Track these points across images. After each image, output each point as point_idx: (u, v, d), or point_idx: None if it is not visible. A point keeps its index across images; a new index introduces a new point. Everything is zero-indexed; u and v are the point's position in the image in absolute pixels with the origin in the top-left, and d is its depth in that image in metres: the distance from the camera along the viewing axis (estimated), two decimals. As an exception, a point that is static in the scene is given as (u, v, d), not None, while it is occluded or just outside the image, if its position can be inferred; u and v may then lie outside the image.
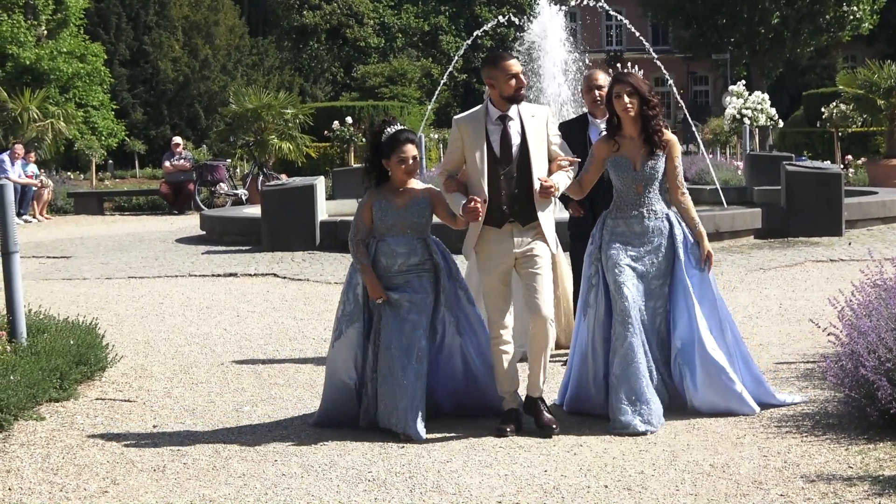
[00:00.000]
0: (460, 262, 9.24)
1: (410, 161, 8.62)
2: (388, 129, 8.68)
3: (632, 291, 8.66)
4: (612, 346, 8.69)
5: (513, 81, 8.55)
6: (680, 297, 8.81)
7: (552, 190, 8.44)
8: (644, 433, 8.39)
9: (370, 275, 8.61)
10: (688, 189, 9.13)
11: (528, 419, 8.67)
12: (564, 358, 10.29)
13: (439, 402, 8.99)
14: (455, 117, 8.97)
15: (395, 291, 8.63)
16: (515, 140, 8.57)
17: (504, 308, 8.66)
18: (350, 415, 8.85)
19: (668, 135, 8.75)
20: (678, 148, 8.87)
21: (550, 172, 8.62)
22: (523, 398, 8.78)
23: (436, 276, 8.76)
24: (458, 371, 8.97)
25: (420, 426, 8.46)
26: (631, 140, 8.72)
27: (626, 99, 8.58)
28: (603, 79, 10.73)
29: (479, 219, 8.39)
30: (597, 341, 8.87)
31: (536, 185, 8.45)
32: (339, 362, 8.84)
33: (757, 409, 8.86)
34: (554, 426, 8.49)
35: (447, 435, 8.57)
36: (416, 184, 8.78)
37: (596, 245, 8.87)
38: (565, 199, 10.32)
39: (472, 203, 8.28)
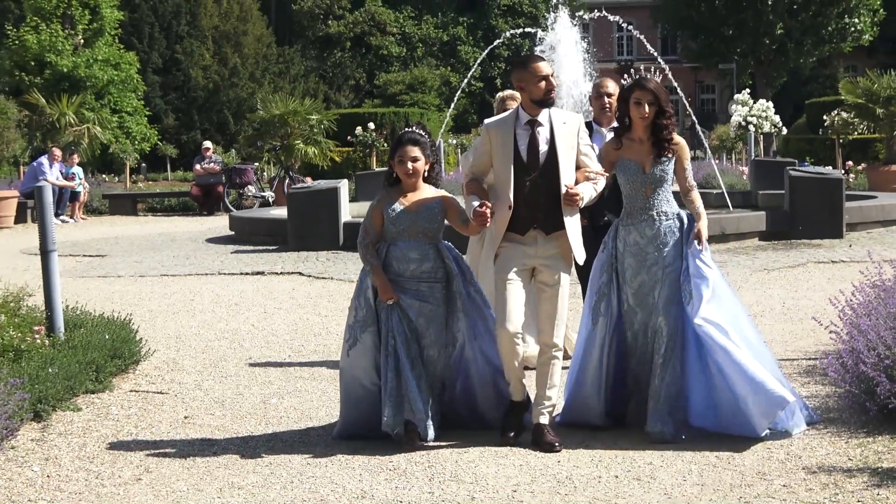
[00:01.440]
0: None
1: (408, 163, 8.13)
2: (404, 130, 8.37)
3: (647, 306, 8.29)
4: (641, 359, 8.36)
5: (542, 84, 8.05)
6: (682, 296, 8.29)
7: (577, 199, 7.94)
8: (674, 440, 8.09)
9: (381, 276, 8.10)
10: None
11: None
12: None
13: (459, 413, 8.52)
14: (486, 121, 8.52)
15: (405, 296, 8.13)
16: (543, 147, 8.08)
17: (516, 306, 8.04)
18: (375, 421, 8.21)
19: (677, 138, 8.37)
20: (687, 151, 8.52)
21: (577, 182, 8.11)
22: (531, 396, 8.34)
23: (448, 285, 8.25)
24: (474, 377, 8.43)
25: (421, 428, 8.02)
26: (640, 143, 8.31)
27: (647, 108, 8.15)
28: (612, 87, 10.51)
29: (488, 225, 7.91)
30: (605, 351, 8.37)
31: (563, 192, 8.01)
32: (357, 370, 8.31)
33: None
34: (556, 444, 7.95)
35: (463, 432, 8.38)
36: (428, 189, 8.27)
37: (609, 254, 8.41)
38: None
39: (483, 208, 7.79)
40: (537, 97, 8.06)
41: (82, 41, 50.82)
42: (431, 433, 8.07)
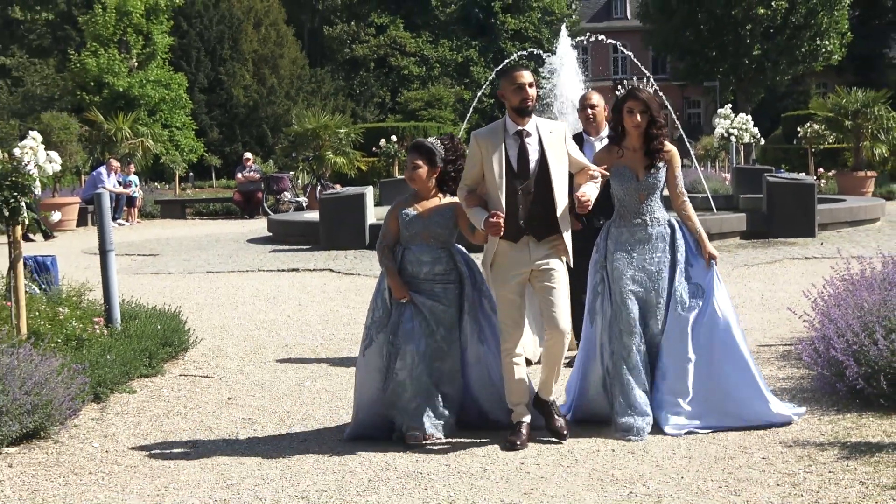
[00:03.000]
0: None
1: (409, 168, 7.81)
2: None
3: (635, 302, 7.77)
4: (617, 353, 7.78)
5: (519, 92, 7.45)
6: (672, 301, 7.80)
7: (588, 202, 7.29)
8: (640, 437, 7.58)
9: (394, 276, 7.72)
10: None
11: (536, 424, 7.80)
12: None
13: (468, 412, 7.98)
14: (474, 132, 7.78)
15: (419, 296, 7.72)
16: (534, 156, 7.46)
17: (517, 320, 7.59)
18: (385, 424, 7.84)
19: (669, 146, 7.86)
20: (678, 159, 7.97)
21: (579, 184, 7.54)
22: (534, 399, 7.79)
23: (461, 287, 7.82)
24: (482, 380, 7.90)
25: (429, 425, 7.64)
26: (633, 151, 7.81)
27: (639, 117, 7.69)
28: (596, 99, 10.23)
29: (500, 232, 7.33)
30: (605, 347, 7.88)
31: (561, 202, 7.44)
32: (372, 369, 7.81)
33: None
34: (564, 431, 7.59)
35: (471, 431, 7.95)
36: (441, 197, 7.86)
37: (601, 254, 7.92)
38: None
39: (495, 217, 7.26)
40: (514, 105, 7.51)
41: (136, 64, 51.03)
42: (441, 432, 7.68)
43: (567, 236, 7.55)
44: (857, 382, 8.23)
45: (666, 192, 8.07)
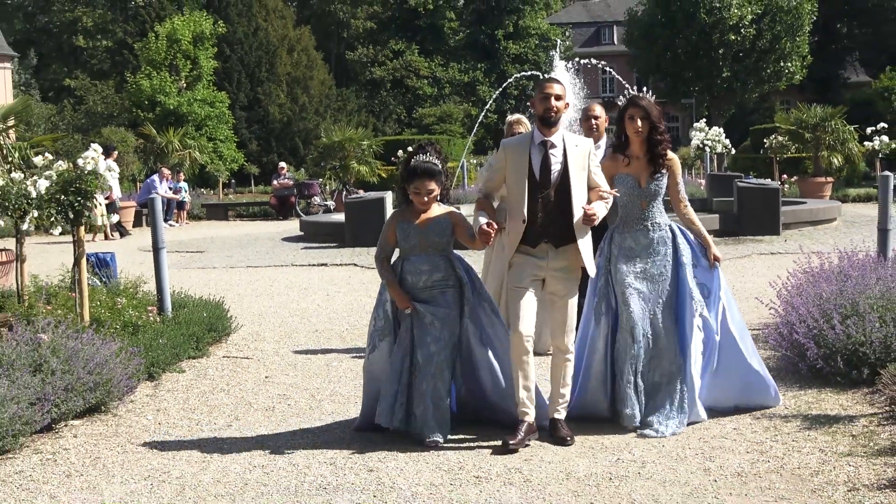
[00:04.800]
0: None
1: (424, 196, 7.07)
2: (417, 157, 7.13)
3: (638, 304, 7.21)
4: (620, 352, 7.26)
5: (544, 102, 6.92)
6: (685, 301, 7.30)
7: (594, 217, 6.79)
8: (655, 432, 7.07)
9: (396, 287, 7.08)
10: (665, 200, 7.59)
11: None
12: None
13: (478, 409, 7.44)
14: (503, 140, 7.40)
15: (420, 305, 7.09)
16: (556, 166, 6.91)
17: (528, 313, 6.91)
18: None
19: (671, 154, 7.35)
20: (679, 166, 7.43)
21: (590, 201, 6.97)
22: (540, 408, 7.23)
23: (460, 291, 7.16)
24: (486, 382, 7.29)
25: (430, 427, 7.01)
26: (637, 159, 7.30)
27: (639, 123, 7.21)
28: (598, 110, 9.59)
29: (490, 242, 6.84)
30: (609, 347, 7.34)
31: (578, 213, 6.86)
32: (376, 373, 7.25)
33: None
34: (569, 438, 6.98)
35: (476, 429, 7.40)
36: (437, 207, 7.18)
37: (605, 258, 7.36)
38: None
39: (489, 227, 6.71)
40: (538, 114, 6.99)
41: (185, 85, 51.09)
42: (442, 432, 7.03)
43: (583, 244, 6.95)
44: (817, 362, 8.24)
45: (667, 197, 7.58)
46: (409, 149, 7.32)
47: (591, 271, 7.07)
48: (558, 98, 6.95)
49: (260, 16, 60.31)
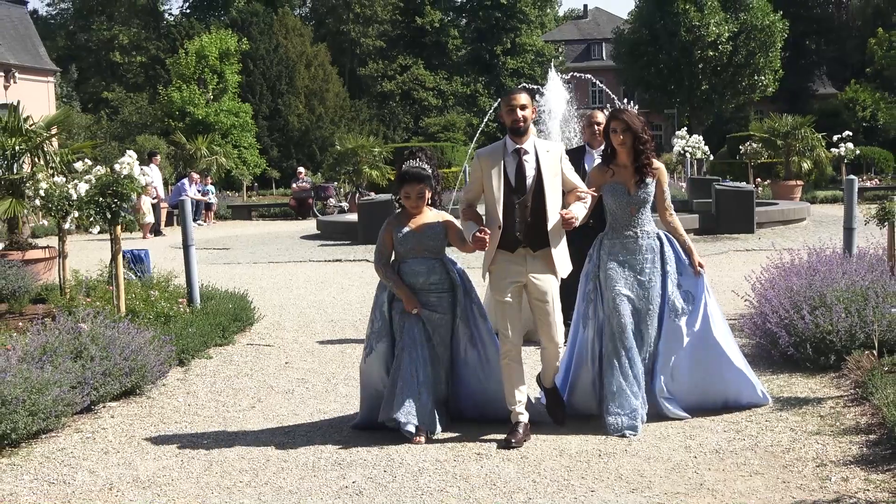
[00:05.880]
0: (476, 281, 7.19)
1: (413, 198, 6.78)
2: (407, 163, 6.82)
3: (627, 308, 6.85)
4: (608, 357, 6.89)
5: (510, 113, 6.59)
6: (663, 308, 6.93)
7: (573, 221, 6.44)
8: (632, 434, 6.64)
9: (404, 289, 6.77)
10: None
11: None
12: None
13: (462, 409, 7.05)
14: (477, 150, 6.93)
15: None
16: (530, 172, 6.56)
17: (515, 322, 6.62)
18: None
19: (657, 163, 7.02)
20: (666, 175, 7.11)
21: (568, 203, 6.65)
22: (533, 397, 7.04)
23: (454, 295, 6.85)
24: (476, 381, 6.93)
25: (424, 423, 6.69)
26: (625, 168, 6.94)
27: (621, 136, 6.88)
28: (601, 117, 9.27)
29: (486, 248, 6.48)
30: (596, 351, 6.97)
31: (554, 218, 6.52)
32: (373, 374, 6.89)
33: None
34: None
35: (468, 426, 7.08)
36: (431, 212, 6.89)
37: (594, 264, 7.01)
38: None
39: (482, 233, 6.40)
40: (507, 125, 6.63)
41: (212, 97, 51.16)
42: (438, 428, 6.78)
43: (559, 248, 6.64)
44: (788, 350, 8.23)
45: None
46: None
47: (563, 274, 6.69)
48: (524, 108, 6.62)
49: (280, 34, 60.39)
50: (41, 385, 6.93)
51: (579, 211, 6.58)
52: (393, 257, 6.92)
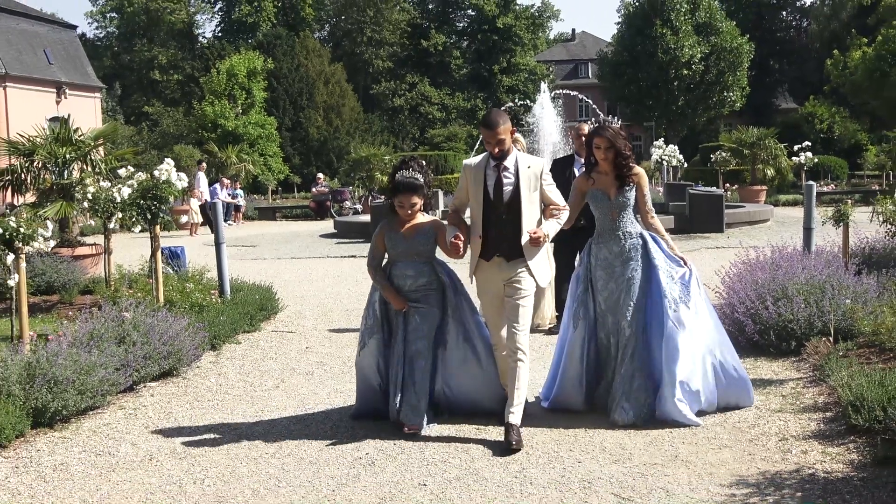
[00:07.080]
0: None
1: (407, 209, 6.40)
2: (400, 172, 6.45)
3: (615, 307, 6.49)
4: (601, 356, 6.66)
5: (496, 146, 6.15)
6: (659, 302, 6.48)
7: (541, 240, 6.09)
8: (633, 424, 6.30)
9: (390, 290, 6.41)
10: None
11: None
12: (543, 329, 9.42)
13: (456, 403, 6.63)
14: (464, 161, 6.53)
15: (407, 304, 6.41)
16: (508, 187, 6.16)
17: (500, 323, 6.24)
18: (380, 410, 6.55)
19: (637, 169, 6.69)
20: (646, 179, 6.77)
21: (545, 218, 6.27)
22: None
23: (442, 293, 6.46)
24: (470, 374, 6.52)
25: (424, 420, 6.33)
26: (606, 175, 6.61)
27: (603, 153, 6.56)
28: (587, 129, 8.97)
29: (461, 254, 6.19)
30: (585, 349, 6.61)
31: (525, 237, 6.13)
32: (365, 368, 6.55)
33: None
34: (514, 444, 5.90)
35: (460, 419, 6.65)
36: (422, 217, 6.50)
37: (585, 267, 6.69)
38: None
39: (455, 240, 6.16)
40: (491, 153, 6.21)
41: (241, 111, 51.15)
42: (429, 420, 6.40)
43: (536, 260, 6.25)
44: (754, 336, 8.23)
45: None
46: (423, 163, 6.80)
47: (542, 283, 6.36)
48: (501, 142, 6.16)
49: (301, 55, 60.29)
50: (89, 367, 6.94)
51: (551, 228, 6.23)
52: (386, 259, 6.62)
